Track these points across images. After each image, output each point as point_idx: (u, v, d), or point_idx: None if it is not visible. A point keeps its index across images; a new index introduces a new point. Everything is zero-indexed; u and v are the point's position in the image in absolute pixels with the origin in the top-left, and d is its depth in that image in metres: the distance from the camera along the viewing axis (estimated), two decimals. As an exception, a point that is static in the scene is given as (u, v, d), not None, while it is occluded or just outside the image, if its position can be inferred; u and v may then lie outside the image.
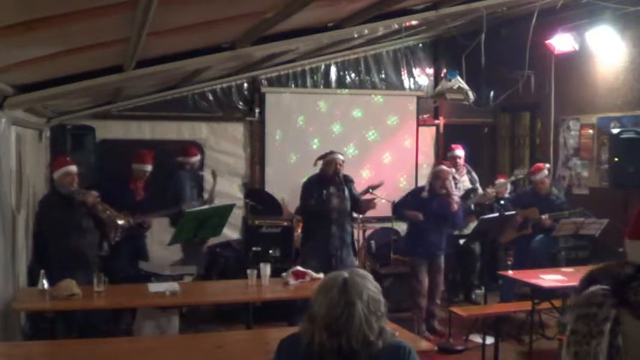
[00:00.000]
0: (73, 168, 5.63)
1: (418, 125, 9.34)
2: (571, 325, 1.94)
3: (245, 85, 8.76)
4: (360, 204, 6.79)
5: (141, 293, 5.09)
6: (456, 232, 7.52)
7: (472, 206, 7.62)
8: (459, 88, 7.97)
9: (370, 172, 8.97)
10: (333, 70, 9.10)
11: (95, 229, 5.68)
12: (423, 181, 9.27)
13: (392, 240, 7.98)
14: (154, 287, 5.17)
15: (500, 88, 8.55)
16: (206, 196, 7.42)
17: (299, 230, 7.57)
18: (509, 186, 7.97)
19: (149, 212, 6.55)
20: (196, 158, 7.43)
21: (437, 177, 6.70)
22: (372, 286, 2.26)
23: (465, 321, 6.40)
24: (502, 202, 7.56)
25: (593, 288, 1.96)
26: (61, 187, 5.57)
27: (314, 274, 5.41)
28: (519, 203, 7.27)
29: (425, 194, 6.70)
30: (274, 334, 3.79)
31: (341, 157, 6.74)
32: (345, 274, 2.29)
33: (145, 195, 6.77)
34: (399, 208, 6.92)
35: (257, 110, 8.75)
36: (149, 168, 6.78)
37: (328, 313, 2.19)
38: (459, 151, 7.99)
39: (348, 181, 6.72)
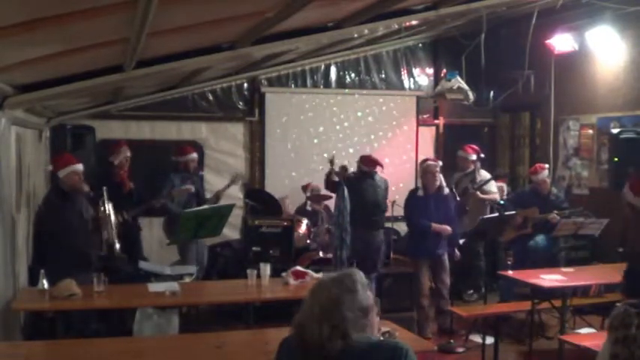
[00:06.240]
0: (80, 167, 5.62)
1: (418, 125, 9.35)
2: (610, 348, 1.90)
3: (245, 85, 8.77)
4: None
5: (141, 293, 5.09)
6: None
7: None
8: (459, 88, 7.96)
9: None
10: (333, 70, 9.11)
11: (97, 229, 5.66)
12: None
13: (392, 240, 7.97)
14: (154, 287, 5.17)
15: (500, 88, 8.54)
16: (209, 195, 7.42)
17: (299, 230, 7.57)
18: (505, 187, 7.98)
19: (141, 204, 6.73)
20: (190, 157, 7.22)
21: (426, 172, 6.71)
22: (336, 288, 2.26)
23: (464, 321, 6.40)
24: (502, 202, 7.56)
25: (622, 306, 1.93)
26: (65, 186, 5.55)
27: (314, 274, 5.41)
28: (519, 203, 7.27)
29: (420, 193, 6.72)
30: (274, 334, 3.79)
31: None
32: (325, 275, 2.39)
33: (134, 185, 6.88)
34: (415, 219, 6.74)
35: (257, 110, 8.76)
36: (128, 153, 6.88)
37: (297, 315, 2.30)
38: (471, 156, 7.82)
39: None
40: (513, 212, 6.96)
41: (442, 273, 6.78)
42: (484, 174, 7.78)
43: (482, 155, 7.89)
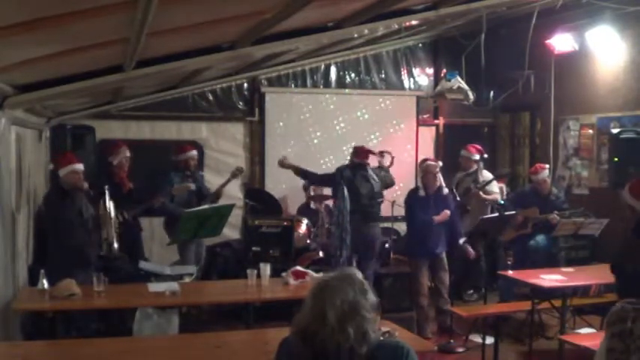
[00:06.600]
0: (80, 166, 5.66)
1: (418, 125, 9.35)
2: (606, 343, 1.92)
3: (245, 85, 8.77)
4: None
5: (141, 293, 5.09)
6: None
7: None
8: (459, 88, 7.97)
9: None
10: (333, 70, 9.11)
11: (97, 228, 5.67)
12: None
13: (392, 240, 7.97)
14: (154, 287, 5.17)
15: (500, 88, 8.54)
16: (211, 190, 7.44)
17: (299, 230, 7.57)
18: (504, 188, 7.97)
19: (140, 204, 6.70)
20: (189, 154, 7.20)
21: (426, 172, 6.72)
22: (351, 290, 2.22)
23: (464, 321, 6.40)
24: (502, 202, 7.55)
25: (619, 304, 1.95)
26: (66, 185, 5.56)
27: (314, 274, 5.41)
28: (519, 203, 7.27)
29: (422, 193, 6.71)
30: (274, 334, 3.79)
31: None
32: (327, 277, 2.31)
33: (133, 186, 6.86)
34: (416, 218, 6.73)
35: (257, 110, 8.76)
36: (127, 153, 6.86)
37: (302, 319, 2.22)
38: (474, 156, 7.81)
39: None
40: (513, 212, 6.96)
41: (441, 272, 6.78)
42: (486, 174, 7.78)
43: (486, 155, 7.89)
